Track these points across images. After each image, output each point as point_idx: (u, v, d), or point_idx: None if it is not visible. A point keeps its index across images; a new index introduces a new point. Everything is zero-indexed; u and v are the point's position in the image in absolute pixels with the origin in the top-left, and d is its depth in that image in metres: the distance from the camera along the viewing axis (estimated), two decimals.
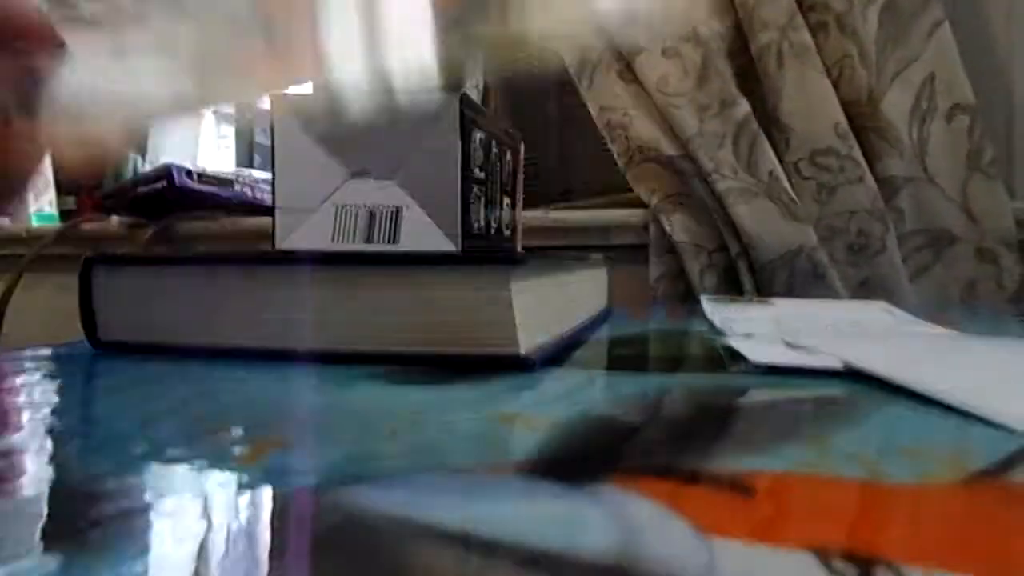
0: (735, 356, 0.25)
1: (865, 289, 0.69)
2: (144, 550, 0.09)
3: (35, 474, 0.13)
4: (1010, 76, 0.77)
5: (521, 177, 0.41)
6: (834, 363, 0.22)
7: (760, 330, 0.32)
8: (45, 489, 0.12)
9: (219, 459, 0.14)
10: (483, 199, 0.33)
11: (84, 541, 0.10)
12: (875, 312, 0.43)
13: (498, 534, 0.10)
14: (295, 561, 0.09)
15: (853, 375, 0.21)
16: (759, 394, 0.20)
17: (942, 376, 0.20)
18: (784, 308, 0.44)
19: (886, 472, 0.13)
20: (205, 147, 1.20)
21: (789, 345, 0.26)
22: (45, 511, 0.11)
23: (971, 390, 0.18)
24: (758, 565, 0.09)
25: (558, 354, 0.28)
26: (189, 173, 0.77)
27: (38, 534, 0.10)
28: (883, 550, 0.09)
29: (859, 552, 0.09)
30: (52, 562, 0.09)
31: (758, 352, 0.24)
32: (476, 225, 0.32)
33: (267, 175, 0.92)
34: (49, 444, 0.15)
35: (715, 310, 0.43)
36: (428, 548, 0.09)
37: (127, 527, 0.10)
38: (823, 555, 0.09)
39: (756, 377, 0.23)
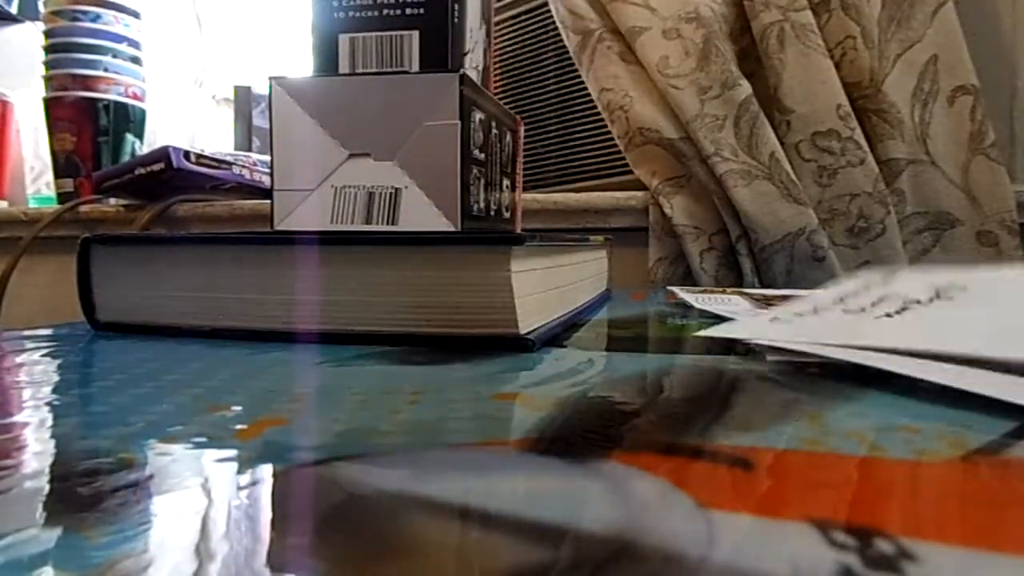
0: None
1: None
2: (144, 526, 0.09)
3: (35, 450, 0.13)
4: (1013, 58, 0.76)
5: (521, 159, 0.41)
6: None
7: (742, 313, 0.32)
8: (45, 465, 0.12)
9: (219, 436, 0.14)
10: (483, 180, 0.33)
11: (84, 516, 0.10)
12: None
13: (499, 509, 0.10)
14: (295, 537, 0.09)
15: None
16: (756, 375, 0.20)
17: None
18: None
19: (885, 449, 0.13)
20: (203, 129, 1.20)
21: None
22: (45, 487, 0.11)
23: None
24: (759, 537, 0.09)
25: (558, 335, 0.28)
26: (187, 155, 0.77)
27: (38, 509, 0.10)
28: (883, 523, 0.09)
29: (859, 525, 0.09)
30: (52, 537, 0.09)
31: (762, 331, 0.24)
32: (476, 206, 0.32)
33: (266, 157, 0.91)
34: (49, 421, 0.15)
35: (692, 298, 0.43)
36: (428, 523, 0.09)
37: (126, 503, 0.10)
38: (823, 527, 0.09)
39: (752, 358, 0.23)
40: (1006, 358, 0.19)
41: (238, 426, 0.14)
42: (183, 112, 1.19)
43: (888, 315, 0.24)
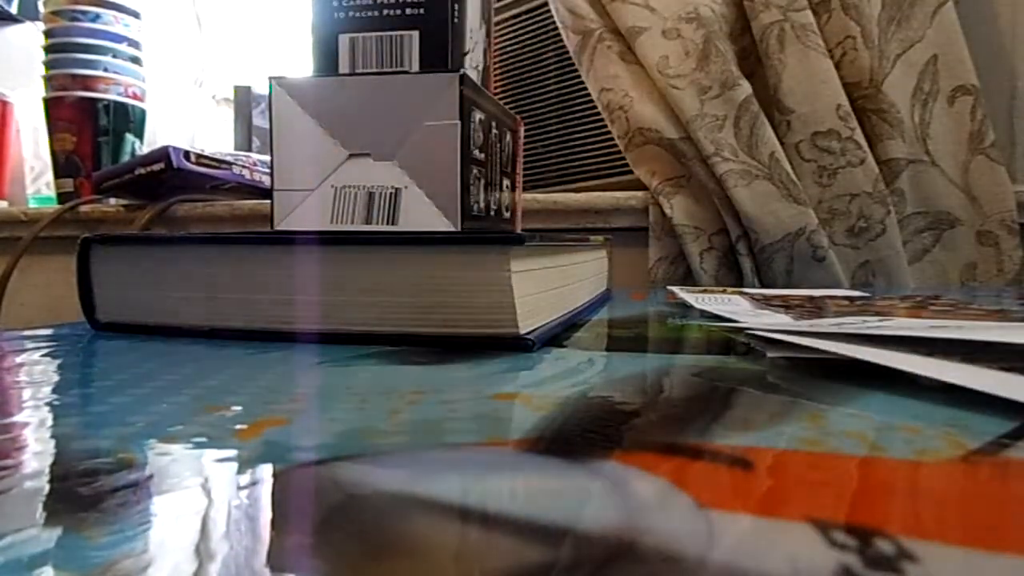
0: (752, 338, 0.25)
1: (864, 272, 0.69)
2: (144, 526, 0.09)
3: (35, 450, 0.13)
4: (1013, 58, 0.76)
5: (521, 159, 0.41)
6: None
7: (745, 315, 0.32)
8: (45, 465, 0.12)
9: (219, 436, 0.14)
10: (483, 181, 0.33)
11: (84, 516, 0.10)
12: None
13: (499, 509, 0.10)
14: (295, 537, 0.09)
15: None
16: (756, 374, 0.20)
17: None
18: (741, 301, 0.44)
19: (885, 449, 0.13)
20: (203, 129, 1.20)
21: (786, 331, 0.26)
22: (45, 487, 0.11)
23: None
24: (759, 537, 0.09)
25: (558, 335, 0.28)
26: (187, 155, 0.77)
27: (38, 509, 0.10)
28: (883, 523, 0.09)
29: (859, 524, 0.09)
30: (52, 537, 0.09)
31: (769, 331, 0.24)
32: (476, 207, 0.32)
33: (266, 157, 0.91)
34: (49, 421, 0.15)
35: (692, 298, 0.43)
36: (428, 523, 0.09)
37: (126, 503, 0.10)
38: (823, 527, 0.09)
39: (753, 358, 0.23)
40: (1006, 341, 0.19)
41: (238, 426, 0.14)
42: (183, 112, 1.19)
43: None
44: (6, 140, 1.10)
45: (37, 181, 1.11)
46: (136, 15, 0.98)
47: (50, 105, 0.93)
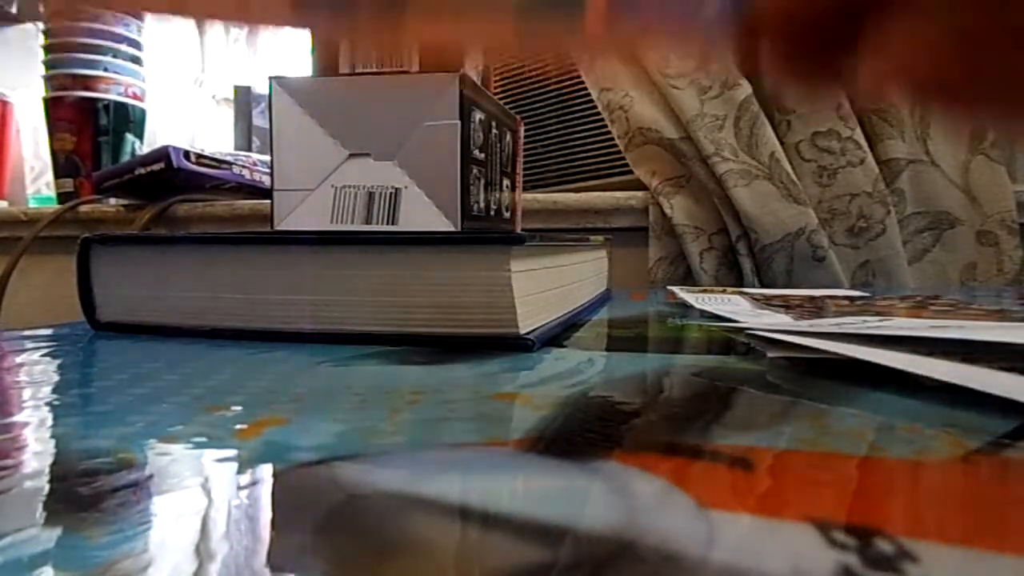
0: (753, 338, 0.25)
1: (864, 272, 0.69)
2: (144, 526, 0.09)
3: (35, 450, 0.13)
4: None
5: (521, 159, 0.41)
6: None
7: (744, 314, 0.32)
8: (45, 465, 0.12)
9: (219, 436, 0.14)
10: (483, 180, 0.33)
11: (84, 516, 0.10)
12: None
13: (499, 509, 0.10)
14: (295, 537, 0.09)
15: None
16: (756, 374, 0.20)
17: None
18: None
19: (885, 449, 0.13)
20: (203, 129, 1.20)
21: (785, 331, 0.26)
22: (45, 487, 0.11)
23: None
24: (759, 538, 0.09)
25: (558, 335, 0.28)
26: (187, 155, 0.77)
27: (38, 509, 0.10)
28: (883, 523, 0.09)
29: (859, 525, 0.09)
30: (52, 537, 0.09)
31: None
32: (476, 207, 0.32)
33: (265, 157, 0.91)
34: (49, 421, 0.15)
35: (692, 298, 0.43)
36: (428, 523, 0.09)
37: (126, 503, 0.10)
38: (823, 527, 0.09)
39: (753, 358, 0.23)
40: (1006, 341, 0.19)
41: (238, 426, 0.14)
42: (183, 112, 1.19)
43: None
44: (6, 140, 1.10)
45: (37, 181, 1.11)
46: (136, 15, 0.98)
47: (50, 105, 0.93)
